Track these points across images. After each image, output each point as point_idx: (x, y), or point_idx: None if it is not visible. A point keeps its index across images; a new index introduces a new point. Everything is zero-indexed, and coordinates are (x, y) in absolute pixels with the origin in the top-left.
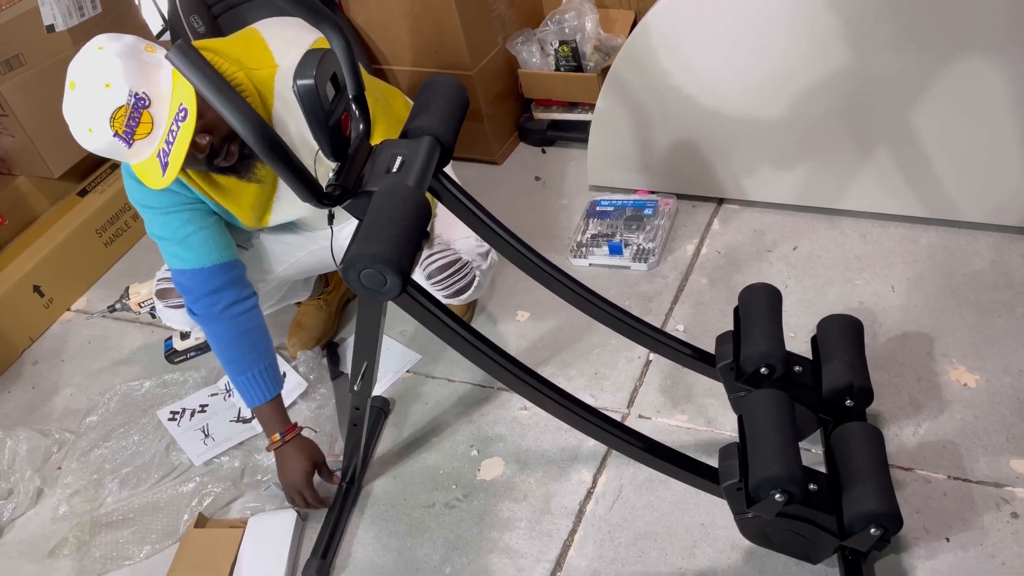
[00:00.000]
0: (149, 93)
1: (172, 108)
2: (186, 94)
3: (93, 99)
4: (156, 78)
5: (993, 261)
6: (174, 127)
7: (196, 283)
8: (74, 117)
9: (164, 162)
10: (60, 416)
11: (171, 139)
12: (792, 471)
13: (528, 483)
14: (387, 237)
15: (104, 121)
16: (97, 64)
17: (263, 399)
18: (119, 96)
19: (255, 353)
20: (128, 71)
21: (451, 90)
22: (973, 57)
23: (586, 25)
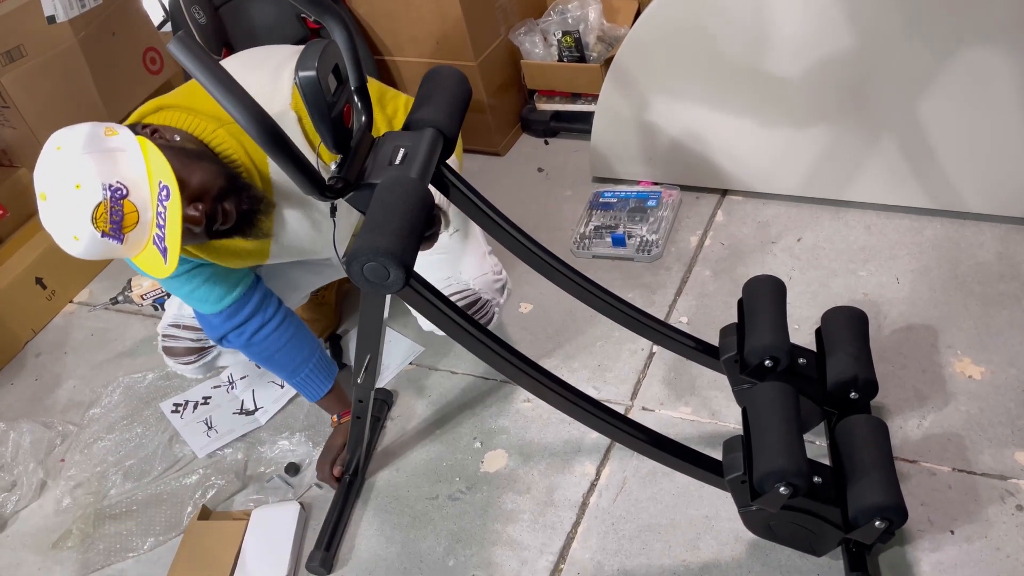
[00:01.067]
0: (124, 181)
1: (152, 190)
2: (162, 170)
3: (68, 205)
4: (126, 163)
5: (999, 253)
6: (161, 209)
7: (218, 322)
8: (55, 228)
9: (162, 248)
10: (63, 408)
11: (161, 222)
12: (797, 464)
13: (531, 475)
14: (390, 230)
15: (86, 224)
16: (61, 167)
17: (319, 394)
18: (93, 194)
19: (298, 359)
20: (95, 165)
21: (453, 81)
22: (980, 47)
23: (589, 15)
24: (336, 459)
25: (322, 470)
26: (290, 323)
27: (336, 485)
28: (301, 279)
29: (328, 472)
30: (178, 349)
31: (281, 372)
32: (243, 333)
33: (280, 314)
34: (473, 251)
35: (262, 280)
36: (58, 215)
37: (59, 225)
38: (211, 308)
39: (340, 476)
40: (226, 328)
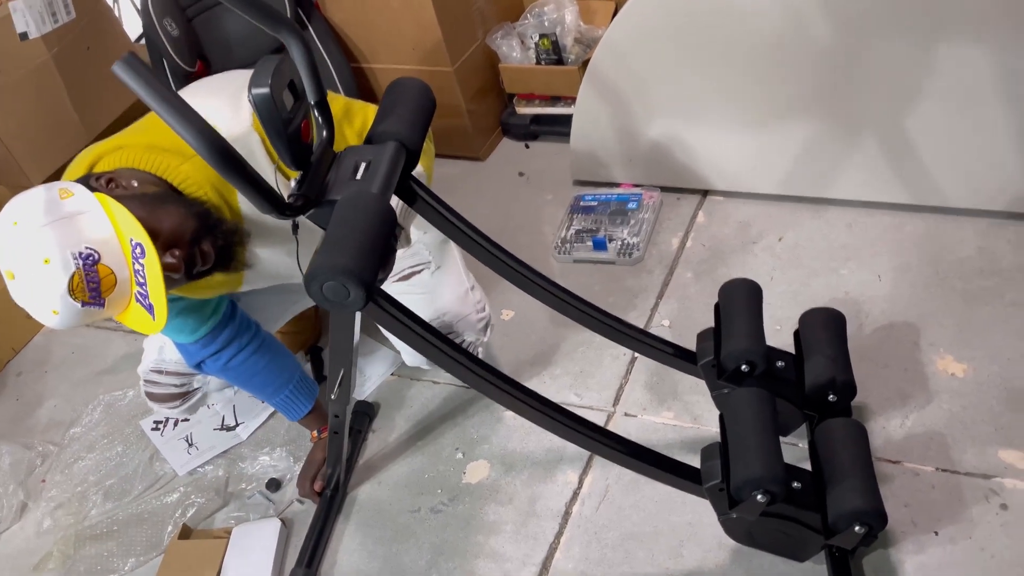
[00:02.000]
0: (92, 246)
1: (124, 247)
2: (130, 227)
3: (40, 282)
4: (89, 225)
5: (980, 247)
6: (137, 267)
7: (194, 350)
8: (30, 304)
9: (147, 304)
10: (44, 428)
11: (141, 280)
12: (774, 471)
13: (514, 485)
14: (349, 248)
15: (64, 297)
16: (23, 244)
17: (299, 415)
18: (65, 266)
19: (277, 382)
20: (58, 235)
21: (416, 92)
22: (957, 43)
23: (566, 17)
24: (317, 474)
25: (303, 486)
26: (267, 348)
27: (318, 500)
28: (278, 307)
29: (309, 488)
30: (161, 395)
31: (260, 395)
32: (219, 359)
33: (256, 340)
34: (453, 288)
35: (238, 307)
36: (31, 292)
37: (35, 302)
38: (186, 338)
39: (321, 491)
40: (202, 356)
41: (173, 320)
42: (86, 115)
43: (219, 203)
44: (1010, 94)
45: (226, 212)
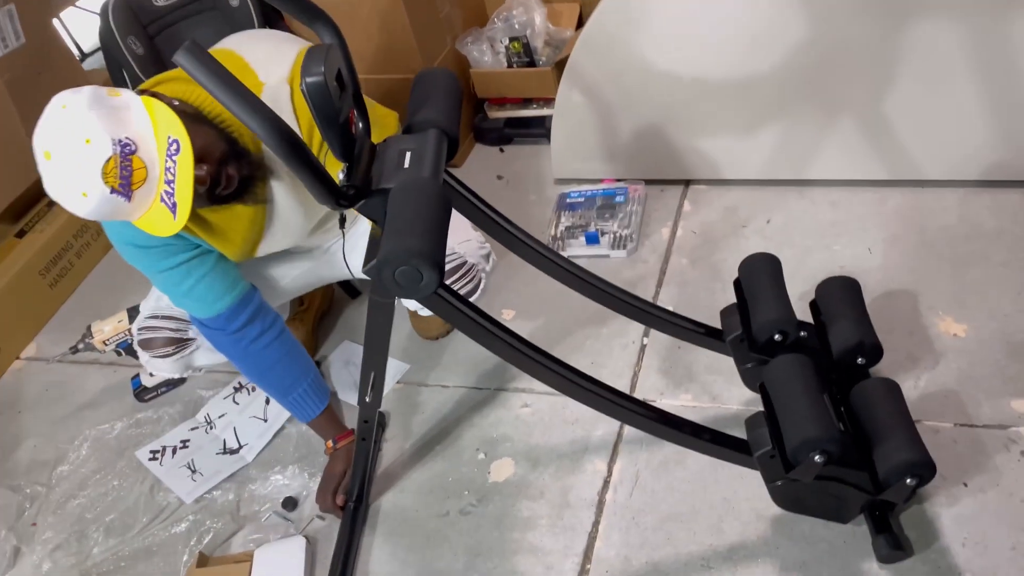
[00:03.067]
0: (132, 137)
1: (160, 145)
2: (171, 125)
3: (76, 160)
4: (132, 119)
5: (961, 215)
6: (169, 164)
7: (216, 325)
8: (61, 186)
9: (171, 204)
10: (27, 469)
11: (171, 177)
12: (830, 431)
13: (542, 479)
14: (418, 231)
15: (96, 179)
16: (68, 123)
17: (313, 414)
18: (104, 148)
19: (293, 376)
20: (103, 120)
21: (447, 81)
22: (925, 19)
23: (535, 20)
24: (338, 487)
25: (324, 500)
26: (287, 338)
27: (341, 514)
28: (288, 278)
29: (331, 502)
30: (157, 340)
31: (276, 387)
32: (243, 339)
33: (279, 324)
34: (458, 222)
35: (260, 292)
36: (66, 172)
37: (67, 183)
38: (209, 310)
39: (344, 504)
40: (226, 331)
41: (198, 284)
42: None
43: (246, 136)
44: (975, 70)
45: (251, 147)
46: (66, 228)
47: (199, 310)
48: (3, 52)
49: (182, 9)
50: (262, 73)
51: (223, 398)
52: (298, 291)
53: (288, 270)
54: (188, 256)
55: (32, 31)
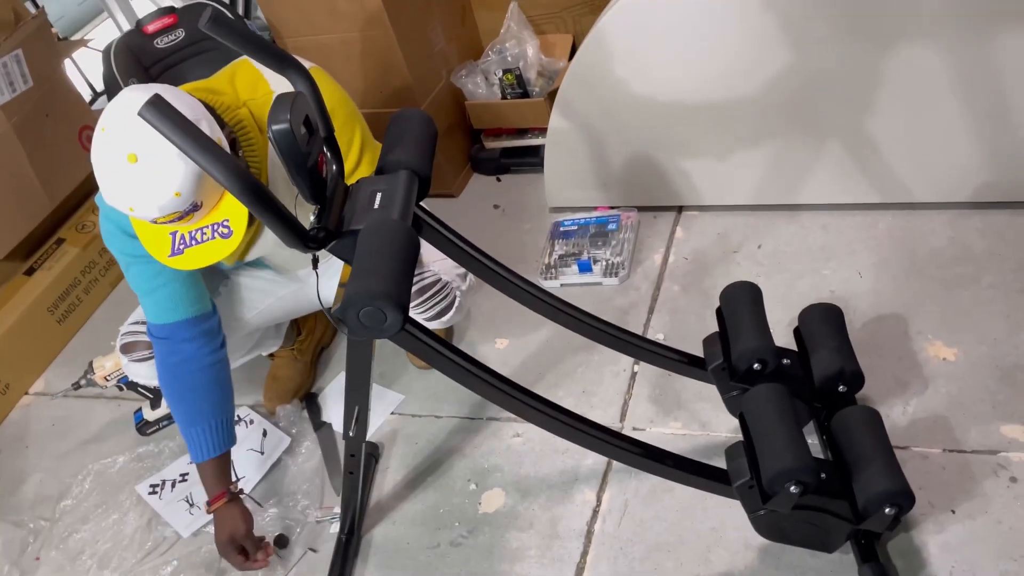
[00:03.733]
0: (204, 201)
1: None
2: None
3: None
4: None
5: (951, 237)
6: (206, 231)
7: (162, 333)
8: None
9: (178, 249)
10: (32, 504)
11: (199, 239)
12: (804, 461)
13: (532, 510)
14: (382, 273)
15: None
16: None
17: (207, 455)
18: (181, 203)
19: (207, 408)
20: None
21: (420, 122)
22: (908, 44)
23: (527, 52)
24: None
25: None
26: (225, 371)
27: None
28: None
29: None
30: (138, 344)
31: (183, 414)
32: (172, 354)
33: (221, 356)
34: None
35: (218, 320)
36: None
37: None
38: (164, 317)
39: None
40: (168, 341)
41: (159, 291)
42: (50, 182)
43: (263, 149)
44: (961, 92)
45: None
46: (74, 265)
47: (155, 314)
48: (11, 95)
49: (183, 50)
50: (273, 83)
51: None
52: (266, 322)
53: (261, 299)
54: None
55: (39, 74)
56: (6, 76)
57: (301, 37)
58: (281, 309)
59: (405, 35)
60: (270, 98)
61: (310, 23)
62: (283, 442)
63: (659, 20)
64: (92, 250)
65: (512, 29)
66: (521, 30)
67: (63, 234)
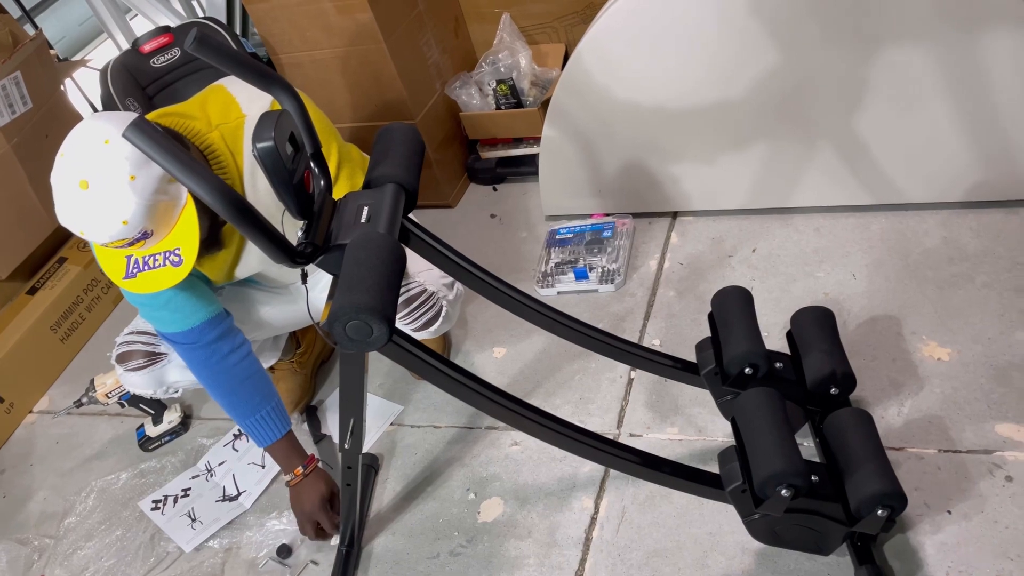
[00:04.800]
0: (155, 230)
1: (166, 244)
2: (189, 238)
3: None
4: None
5: (944, 237)
6: (158, 258)
7: (189, 339)
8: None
9: (132, 272)
10: (37, 522)
11: (152, 264)
12: (794, 464)
13: (531, 518)
14: (368, 286)
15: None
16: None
17: (276, 436)
18: (129, 231)
19: (260, 395)
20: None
21: (407, 136)
22: (897, 46)
23: (520, 62)
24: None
25: (306, 529)
26: (255, 358)
27: (329, 536)
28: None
29: (327, 521)
30: (132, 353)
31: (241, 407)
32: (213, 354)
33: (247, 346)
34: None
35: (232, 315)
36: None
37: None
38: (185, 323)
39: (331, 530)
40: (198, 345)
41: (175, 298)
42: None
43: (233, 171)
44: (949, 92)
45: (237, 182)
46: (76, 283)
47: (175, 323)
48: (11, 117)
49: (178, 69)
50: (245, 107)
51: (223, 445)
52: (262, 335)
53: (254, 312)
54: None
55: (38, 96)
56: (5, 98)
57: (296, 53)
58: (277, 321)
59: (398, 48)
60: (242, 122)
61: (304, 39)
62: None
63: (649, 28)
64: (94, 269)
65: (505, 40)
66: (514, 41)
67: (65, 253)
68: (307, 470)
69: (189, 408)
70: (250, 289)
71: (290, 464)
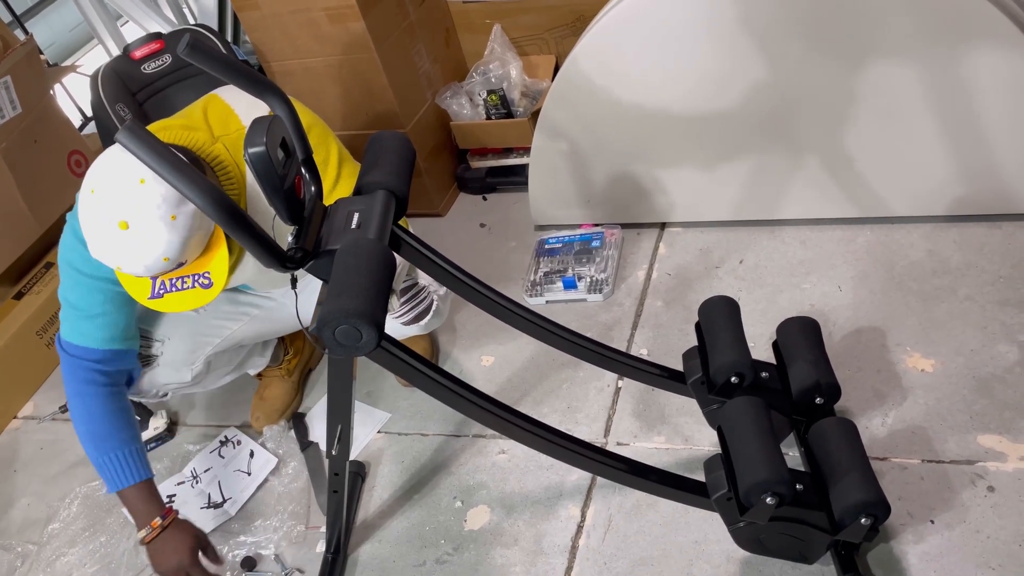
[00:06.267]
0: (189, 258)
1: (195, 268)
2: (219, 262)
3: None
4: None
5: (928, 250)
6: (187, 280)
7: (88, 356)
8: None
9: (158, 293)
10: (20, 528)
11: (180, 287)
12: (779, 473)
13: (517, 526)
14: (357, 291)
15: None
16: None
17: (132, 480)
18: (169, 266)
19: (126, 434)
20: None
21: (398, 143)
22: (882, 60)
23: (511, 73)
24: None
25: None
26: (129, 403)
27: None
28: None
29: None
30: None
31: (105, 439)
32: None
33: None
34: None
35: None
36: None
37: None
38: (95, 343)
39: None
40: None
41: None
42: (37, 208)
43: (239, 179)
44: (934, 108)
45: (243, 192)
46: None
47: (92, 338)
48: (0, 122)
49: (169, 76)
50: (243, 118)
51: (209, 452)
52: (248, 338)
53: (239, 314)
54: (120, 288)
55: (28, 100)
56: None
57: (287, 61)
58: (262, 325)
59: (389, 58)
60: (242, 133)
61: (295, 47)
62: (270, 463)
63: (639, 41)
64: None
65: (496, 51)
66: (504, 51)
67: (52, 258)
68: (166, 521)
69: (175, 415)
70: (238, 294)
71: (147, 515)
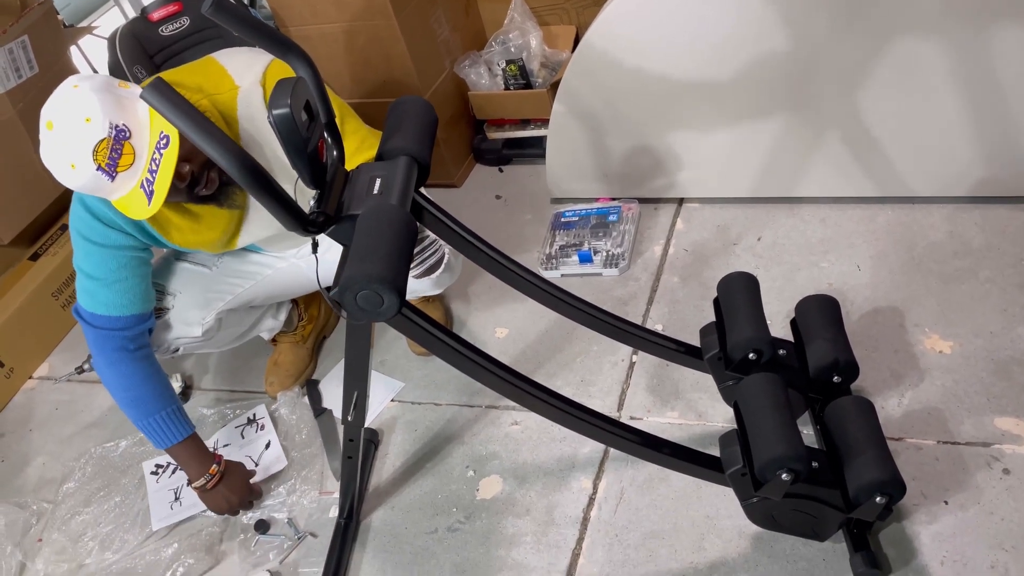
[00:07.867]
0: (129, 125)
1: (152, 137)
2: (165, 123)
3: (73, 135)
4: (134, 110)
5: (950, 231)
6: (156, 155)
7: (112, 325)
8: (54, 156)
9: (149, 191)
10: (35, 487)
11: (154, 167)
12: (796, 449)
13: (529, 497)
14: (380, 256)
15: (87, 155)
16: (75, 101)
17: (179, 437)
18: (100, 129)
19: (163, 396)
20: (106, 105)
21: (420, 109)
22: (908, 37)
23: (531, 43)
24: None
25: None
26: (159, 364)
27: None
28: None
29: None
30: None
31: (145, 404)
32: (130, 343)
33: (151, 348)
34: None
35: (156, 325)
36: (62, 144)
37: (60, 154)
38: (117, 311)
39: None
40: (120, 331)
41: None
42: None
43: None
44: (959, 87)
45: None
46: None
47: (113, 305)
48: (17, 82)
49: (187, 39)
50: (237, 78)
51: (235, 427)
52: (260, 299)
53: (253, 273)
54: (134, 254)
55: (45, 61)
56: (12, 62)
57: (305, 26)
58: (273, 286)
59: (409, 24)
60: (235, 94)
61: (314, 12)
62: (279, 462)
63: (661, 13)
64: None
65: (516, 20)
66: (525, 21)
67: (67, 220)
68: (221, 466)
69: (190, 378)
70: (249, 254)
71: (202, 466)
